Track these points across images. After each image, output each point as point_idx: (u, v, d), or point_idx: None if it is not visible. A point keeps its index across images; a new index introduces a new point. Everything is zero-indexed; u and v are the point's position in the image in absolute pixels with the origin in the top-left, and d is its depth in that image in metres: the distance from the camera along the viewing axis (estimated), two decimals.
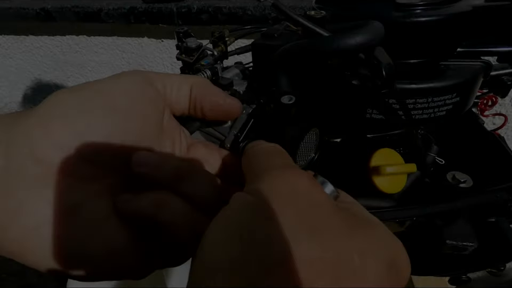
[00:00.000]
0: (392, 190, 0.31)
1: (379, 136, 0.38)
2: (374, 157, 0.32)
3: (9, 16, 1.23)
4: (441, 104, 0.32)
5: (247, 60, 0.44)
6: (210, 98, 0.23)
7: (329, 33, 0.27)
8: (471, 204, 0.31)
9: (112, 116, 0.19)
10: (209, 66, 0.35)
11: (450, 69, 0.32)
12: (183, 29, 0.43)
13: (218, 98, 0.23)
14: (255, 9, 0.88)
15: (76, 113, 0.18)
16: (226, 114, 0.24)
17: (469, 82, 0.32)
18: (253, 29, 0.51)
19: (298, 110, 0.26)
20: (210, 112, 0.23)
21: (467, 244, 0.27)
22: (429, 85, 0.31)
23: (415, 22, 0.30)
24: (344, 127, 0.38)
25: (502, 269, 0.37)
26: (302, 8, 0.84)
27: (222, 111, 0.24)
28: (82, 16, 1.10)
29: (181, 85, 0.23)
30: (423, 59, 0.32)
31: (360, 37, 0.25)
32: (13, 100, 1.71)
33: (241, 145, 0.25)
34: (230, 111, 0.24)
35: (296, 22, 0.28)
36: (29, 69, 1.55)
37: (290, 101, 0.25)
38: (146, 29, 1.16)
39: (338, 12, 0.33)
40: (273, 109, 0.25)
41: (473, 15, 0.31)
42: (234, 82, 0.33)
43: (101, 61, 1.37)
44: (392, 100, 0.32)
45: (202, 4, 0.94)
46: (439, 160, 0.38)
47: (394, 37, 0.30)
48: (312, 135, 0.27)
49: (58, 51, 1.41)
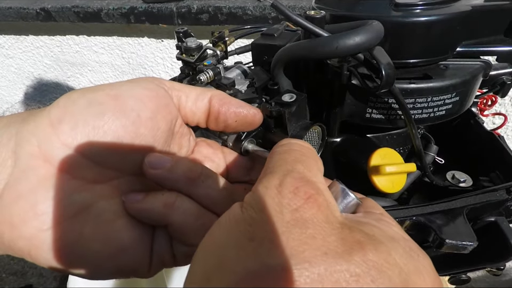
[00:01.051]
0: (392, 190, 0.31)
1: (379, 136, 0.38)
2: (373, 156, 0.32)
3: (9, 16, 1.23)
4: (441, 103, 0.32)
5: (247, 60, 0.45)
6: (235, 110, 0.23)
7: (329, 33, 0.27)
8: (471, 203, 0.31)
9: (122, 120, 0.19)
10: (211, 66, 0.35)
11: (450, 68, 0.32)
12: (183, 28, 0.43)
13: (243, 109, 0.23)
14: (255, 9, 0.88)
15: (86, 115, 0.18)
16: (249, 124, 0.24)
17: (469, 82, 0.32)
18: (253, 29, 0.51)
19: (299, 108, 0.26)
20: (235, 123, 0.23)
21: (467, 243, 0.27)
22: (428, 85, 0.31)
23: (415, 22, 0.30)
24: (344, 127, 0.38)
25: (502, 269, 0.37)
26: (302, 8, 0.84)
27: (246, 122, 0.24)
28: (82, 16, 1.10)
29: (198, 96, 0.23)
30: (423, 59, 0.32)
31: (360, 37, 0.25)
32: (15, 102, 1.71)
33: (242, 143, 0.26)
34: (254, 121, 0.24)
35: (296, 22, 0.28)
36: (29, 69, 1.55)
37: (291, 99, 0.25)
38: (146, 29, 1.16)
39: (338, 12, 0.33)
40: (274, 107, 0.25)
41: (473, 15, 0.31)
42: (236, 82, 0.33)
43: (101, 61, 1.37)
44: (392, 100, 0.32)
45: (202, 3, 0.94)
46: (439, 160, 0.38)
47: (394, 37, 0.30)
48: (314, 133, 0.27)
49: (58, 51, 1.41)
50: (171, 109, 0.22)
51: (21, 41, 1.44)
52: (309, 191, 0.15)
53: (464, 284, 0.39)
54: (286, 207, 0.14)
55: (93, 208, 0.18)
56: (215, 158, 0.25)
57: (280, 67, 0.32)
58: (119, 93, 0.20)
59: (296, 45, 0.29)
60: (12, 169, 0.17)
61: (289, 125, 0.25)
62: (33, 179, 0.17)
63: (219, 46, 0.42)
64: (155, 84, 0.21)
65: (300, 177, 0.16)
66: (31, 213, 0.17)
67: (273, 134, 0.27)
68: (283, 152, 0.18)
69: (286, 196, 0.15)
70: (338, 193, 0.17)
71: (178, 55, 0.43)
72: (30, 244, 0.17)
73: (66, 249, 0.18)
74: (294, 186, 0.15)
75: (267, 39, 0.37)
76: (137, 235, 0.19)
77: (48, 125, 0.18)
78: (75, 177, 0.18)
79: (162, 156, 0.20)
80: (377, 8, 0.32)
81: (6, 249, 0.18)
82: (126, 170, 0.20)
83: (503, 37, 0.34)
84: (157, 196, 0.20)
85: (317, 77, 0.34)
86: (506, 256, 0.32)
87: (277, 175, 0.16)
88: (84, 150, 0.18)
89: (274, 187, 0.15)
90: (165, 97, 0.21)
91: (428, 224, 0.29)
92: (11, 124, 0.19)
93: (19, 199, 0.17)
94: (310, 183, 0.16)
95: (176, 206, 0.19)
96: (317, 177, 0.17)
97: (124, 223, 0.19)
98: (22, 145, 0.18)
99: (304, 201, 0.15)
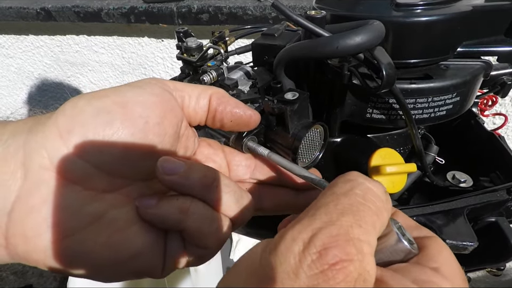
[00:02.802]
0: (392, 190, 0.31)
1: (379, 136, 0.38)
2: (374, 157, 0.32)
3: (9, 16, 1.23)
4: (441, 104, 0.32)
5: (247, 60, 0.45)
6: (231, 110, 0.23)
7: (329, 33, 0.27)
8: (472, 204, 0.31)
9: (131, 128, 0.19)
10: (215, 67, 0.35)
11: (450, 69, 0.32)
12: (183, 28, 0.43)
13: (239, 110, 0.23)
14: (255, 9, 0.88)
15: (95, 125, 0.18)
16: (245, 125, 0.24)
17: (469, 82, 0.32)
18: (253, 29, 0.51)
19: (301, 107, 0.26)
20: (230, 123, 0.23)
21: (467, 244, 0.27)
22: (429, 85, 0.31)
23: (416, 22, 0.30)
24: (345, 127, 0.38)
25: (502, 269, 0.37)
26: (303, 8, 0.84)
27: (241, 122, 0.24)
28: (83, 16, 1.10)
29: (200, 95, 0.23)
30: (423, 59, 0.32)
31: (360, 37, 0.25)
32: (18, 104, 1.71)
33: (243, 141, 0.26)
34: (249, 122, 0.24)
35: (297, 22, 0.28)
36: (29, 68, 1.55)
37: (293, 97, 0.25)
38: (146, 29, 1.16)
39: (339, 12, 0.33)
40: (276, 104, 0.25)
41: (473, 15, 0.31)
42: (239, 82, 0.33)
43: (101, 61, 1.37)
44: (392, 100, 0.32)
45: (202, 3, 0.94)
46: (439, 160, 0.38)
47: (395, 37, 0.30)
48: (316, 132, 0.27)
49: (58, 51, 1.41)
50: (177, 113, 0.22)
51: (21, 41, 1.44)
52: (340, 255, 0.12)
53: None
54: (305, 270, 0.12)
55: (105, 218, 0.18)
56: (216, 158, 0.25)
57: (282, 67, 0.32)
58: (126, 100, 0.20)
59: (297, 45, 0.29)
60: (22, 182, 0.17)
61: (290, 123, 0.25)
62: (45, 191, 0.17)
63: (219, 46, 0.42)
64: (160, 87, 0.21)
65: (337, 234, 0.13)
66: (44, 226, 0.17)
67: (274, 132, 0.27)
68: (340, 192, 0.15)
69: (309, 256, 0.13)
70: (391, 240, 0.15)
71: (179, 54, 0.43)
72: (45, 255, 0.17)
73: (81, 258, 0.18)
74: (324, 246, 0.13)
75: (267, 39, 0.37)
76: (150, 240, 0.19)
77: (57, 136, 0.18)
78: (86, 188, 0.18)
79: (174, 160, 0.20)
80: (378, 8, 0.32)
81: (20, 260, 0.18)
82: (135, 177, 0.20)
83: (503, 37, 0.34)
84: (171, 201, 0.19)
85: (318, 77, 0.34)
86: (506, 256, 0.32)
87: (314, 225, 0.14)
88: (94, 160, 0.18)
89: (301, 241, 0.13)
90: (171, 100, 0.21)
91: (428, 224, 0.29)
92: (17, 133, 0.19)
93: (32, 212, 0.17)
94: (347, 244, 0.13)
95: (191, 212, 0.19)
96: (365, 236, 0.14)
97: (137, 229, 0.19)
98: (31, 157, 0.18)
99: (329, 267, 0.12)
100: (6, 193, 0.17)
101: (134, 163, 0.19)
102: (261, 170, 0.26)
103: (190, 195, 0.20)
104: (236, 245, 1.05)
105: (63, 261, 0.18)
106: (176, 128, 0.22)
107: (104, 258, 0.18)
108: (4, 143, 0.18)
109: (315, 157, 0.28)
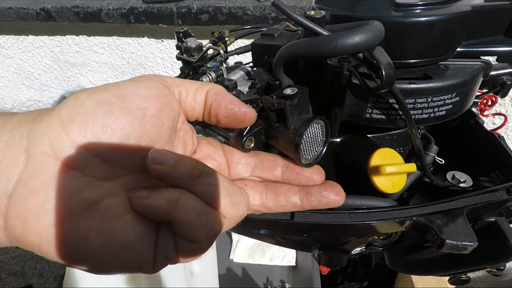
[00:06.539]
0: (392, 190, 0.31)
1: (379, 136, 0.38)
2: (373, 157, 0.32)
3: (9, 16, 1.23)
4: (441, 104, 0.32)
5: (247, 60, 0.45)
6: (226, 106, 0.24)
7: (329, 33, 0.27)
8: (471, 204, 0.31)
9: (129, 118, 0.20)
10: (214, 68, 0.35)
11: (450, 69, 0.32)
12: (182, 29, 0.43)
13: (233, 106, 0.24)
14: (255, 9, 0.88)
15: (95, 115, 0.19)
16: (240, 122, 0.24)
17: (469, 82, 0.32)
18: (253, 29, 0.51)
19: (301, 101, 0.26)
20: (224, 119, 0.24)
21: (467, 244, 0.27)
22: (428, 85, 0.31)
23: (415, 22, 0.30)
24: (344, 127, 0.38)
25: (502, 269, 0.37)
26: (302, 8, 0.84)
27: (236, 119, 0.24)
28: (82, 16, 1.10)
29: (197, 91, 0.24)
30: (422, 59, 0.32)
31: (359, 36, 0.25)
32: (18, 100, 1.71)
33: (244, 140, 0.26)
34: (244, 119, 0.24)
35: (296, 21, 0.28)
36: (29, 69, 1.55)
37: (293, 92, 0.25)
38: (146, 29, 1.16)
39: (338, 12, 0.33)
40: (275, 99, 0.25)
41: (473, 15, 0.31)
42: (238, 83, 0.33)
43: (101, 61, 1.37)
44: (392, 100, 0.32)
45: (202, 3, 0.94)
46: (439, 160, 0.38)
47: (394, 37, 0.30)
48: (317, 127, 0.27)
49: (58, 51, 1.41)
50: (174, 106, 0.23)
51: (21, 41, 1.44)
52: None
53: (464, 284, 0.39)
54: None
55: (100, 205, 0.19)
56: (216, 156, 0.26)
57: (281, 65, 0.32)
58: (125, 93, 0.21)
59: (296, 43, 0.29)
60: (24, 167, 0.18)
61: (291, 118, 0.25)
62: (46, 176, 0.18)
63: (219, 46, 0.42)
64: (158, 82, 0.22)
65: None
66: (42, 209, 0.18)
67: (275, 129, 0.27)
68: None
69: None
70: None
71: (179, 55, 0.43)
72: (40, 238, 0.18)
73: (75, 244, 0.18)
74: None
75: (267, 39, 0.37)
76: (142, 231, 0.20)
77: (59, 125, 0.19)
78: (85, 175, 0.19)
79: (166, 152, 0.21)
80: (378, 8, 0.32)
81: (17, 243, 0.19)
82: (133, 168, 0.21)
83: (503, 37, 0.34)
84: (162, 192, 0.20)
85: (317, 77, 0.34)
86: (506, 257, 0.32)
87: None
88: (93, 148, 0.19)
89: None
90: (168, 94, 0.22)
91: (428, 224, 0.29)
92: (23, 123, 0.19)
93: (31, 195, 0.18)
94: None
95: (180, 203, 0.20)
96: None
97: (130, 219, 0.20)
98: (35, 144, 0.18)
99: None
100: (9, 176, 0.18)
101: (132, 152, 0.20)
102: (262, 168, 0.26)
103: (179, 187, 0.21)
104: (236, 245, 1.05)
105: (57, 246, 0.18)
106: (173, 121, 0.23)
107: (97, 247, 0.18)
108: (9, 131, 0.19)
109: (318, 152, 0.28)
